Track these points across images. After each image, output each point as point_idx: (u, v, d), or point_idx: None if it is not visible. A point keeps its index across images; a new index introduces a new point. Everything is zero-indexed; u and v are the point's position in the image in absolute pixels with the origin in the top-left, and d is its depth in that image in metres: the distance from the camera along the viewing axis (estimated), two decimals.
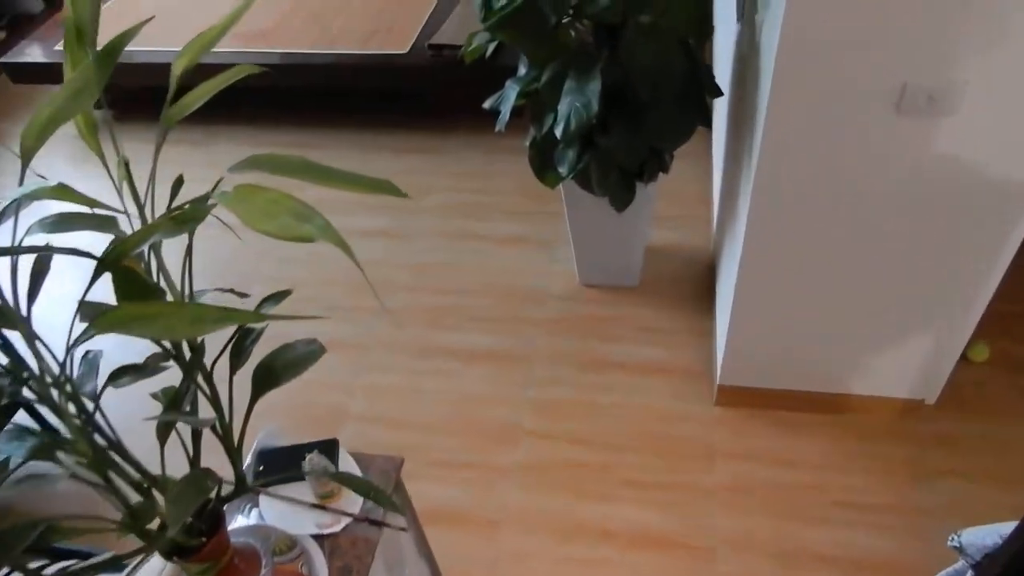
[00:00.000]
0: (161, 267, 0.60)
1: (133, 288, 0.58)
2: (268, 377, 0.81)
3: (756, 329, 1.88)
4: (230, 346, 0.78)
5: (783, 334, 1.87)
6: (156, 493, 0.84)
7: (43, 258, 0.75)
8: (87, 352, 0.85)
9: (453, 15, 3.25)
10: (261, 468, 1.25)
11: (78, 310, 0.57)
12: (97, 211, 0.57)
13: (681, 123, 1.99)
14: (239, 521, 1.19)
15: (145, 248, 0.60)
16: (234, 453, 0.80)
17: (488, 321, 2.42)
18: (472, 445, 2.08)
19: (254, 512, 1.20)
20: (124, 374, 0.68)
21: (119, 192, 0.59)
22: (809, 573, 1.73)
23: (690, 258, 2.56)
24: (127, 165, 0.59)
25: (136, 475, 0.82)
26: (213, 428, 0.77)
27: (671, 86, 1.92)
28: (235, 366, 0.77)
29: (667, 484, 1.93)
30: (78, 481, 0.68)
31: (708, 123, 2.01)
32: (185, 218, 0.53)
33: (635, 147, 2.00)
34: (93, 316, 0.50)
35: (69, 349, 0.57)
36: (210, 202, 0.52)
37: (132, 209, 0.61)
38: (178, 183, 0.75)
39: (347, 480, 0.84)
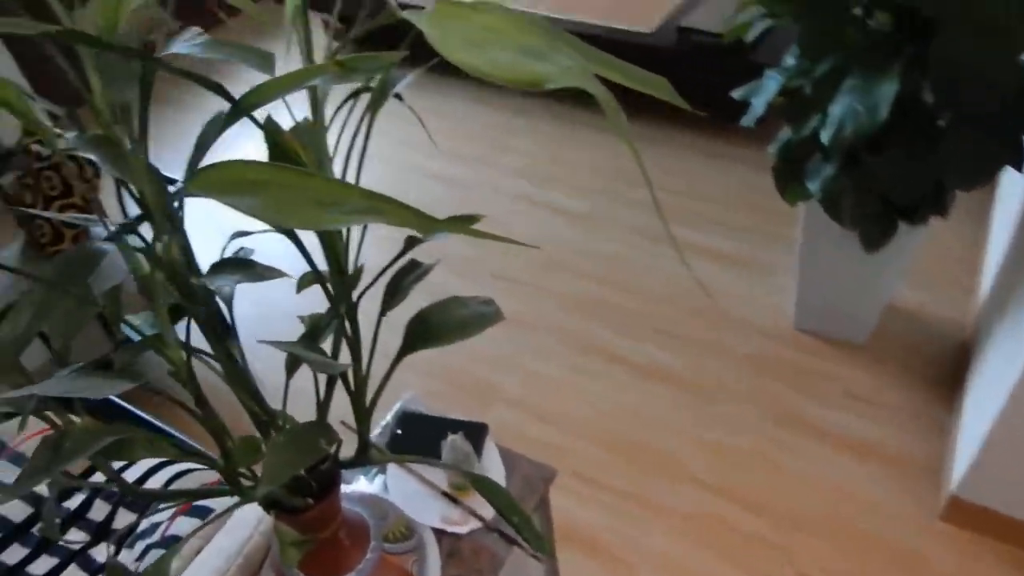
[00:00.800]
0: (319, 145, 0.43)
1: (282, 156, 0.42)
2: (426, 331, 0.63)
3: None
4: (387, 280, 0.60)
5: None
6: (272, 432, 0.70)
7: (209, 131, 0.62)
8: (240, 249, 0.72)
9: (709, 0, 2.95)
10: (399, 432, 1.10)
11: (189, 164, 0.42)
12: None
13: (986, 157, 1.57)
14: (360, 483, 1.05)
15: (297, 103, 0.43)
16: (363, 413, 0.63)
17: (672, 337, 2.14)
18: (625, 469, 1.82)
19: (379, 480, 1.05)
20: (223, 269, 0.53)
21: (289, 38, 0.43)
22: None
23: (938, 328, 2.08)
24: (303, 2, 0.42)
25: (253, 405, 0.68)
26: (344, 378, 0.60)
27: (987, 106, 1.51)
28: (387, 305, 0.59)
29: None
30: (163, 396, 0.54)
31: (1019, 164, 1.57)
32: (355, 65, 0.35)
33: (915, 176, 1.61)
34: (192, 174, 0.33)
35: (175, 211, 0.42)
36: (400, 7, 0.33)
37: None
38: None
39: (487, 489, 0.64)
